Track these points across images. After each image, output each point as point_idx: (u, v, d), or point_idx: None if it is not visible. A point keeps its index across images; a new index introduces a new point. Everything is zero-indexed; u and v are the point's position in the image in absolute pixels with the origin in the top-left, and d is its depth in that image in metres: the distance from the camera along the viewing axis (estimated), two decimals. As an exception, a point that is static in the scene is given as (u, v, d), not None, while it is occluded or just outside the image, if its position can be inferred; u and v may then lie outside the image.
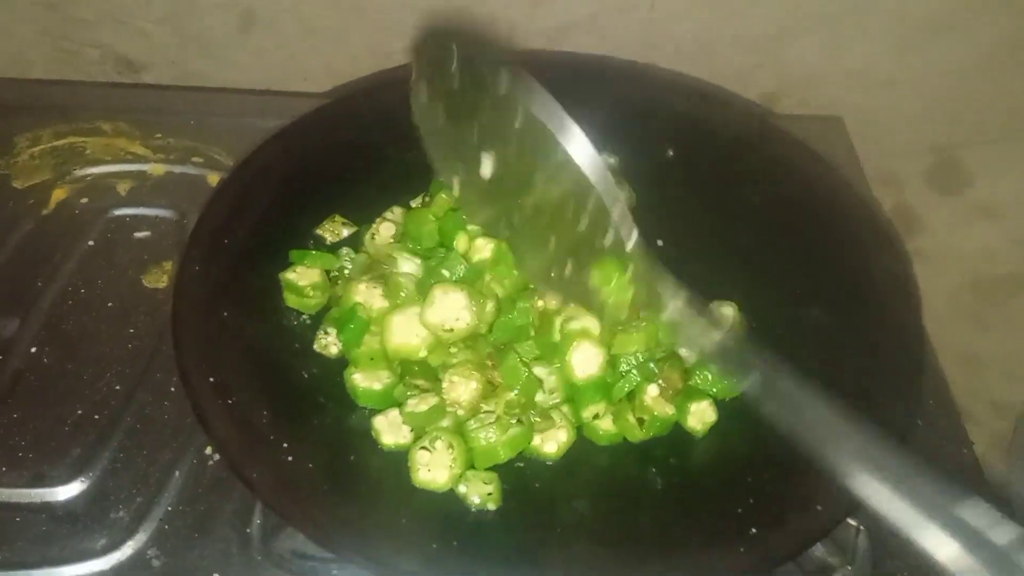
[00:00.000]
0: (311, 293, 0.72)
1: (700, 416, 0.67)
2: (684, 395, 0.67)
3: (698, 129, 0.83)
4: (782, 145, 0.82)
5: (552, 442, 0.65)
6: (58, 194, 0.87)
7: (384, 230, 0.75)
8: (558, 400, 0.67)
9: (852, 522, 0.64)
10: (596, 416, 0.66)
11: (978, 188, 1.13)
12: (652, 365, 0.67)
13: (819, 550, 0.64)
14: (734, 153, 0.83)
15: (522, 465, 0.66)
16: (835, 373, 0.68)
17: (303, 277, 0.72)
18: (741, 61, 1.03)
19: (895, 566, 0.64)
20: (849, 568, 0.63)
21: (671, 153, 0.84)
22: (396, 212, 0.78)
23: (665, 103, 0.85)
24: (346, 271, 0.74)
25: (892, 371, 0.66)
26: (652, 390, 0.67)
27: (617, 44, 1.00)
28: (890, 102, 1.07)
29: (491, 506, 0.62)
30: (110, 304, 0.78)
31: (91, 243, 0.83)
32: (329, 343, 0.70)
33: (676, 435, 0.67)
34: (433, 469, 0.62)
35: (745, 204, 0.80)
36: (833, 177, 0.79)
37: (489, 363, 0.66)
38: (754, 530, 0.59)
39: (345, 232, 0.77)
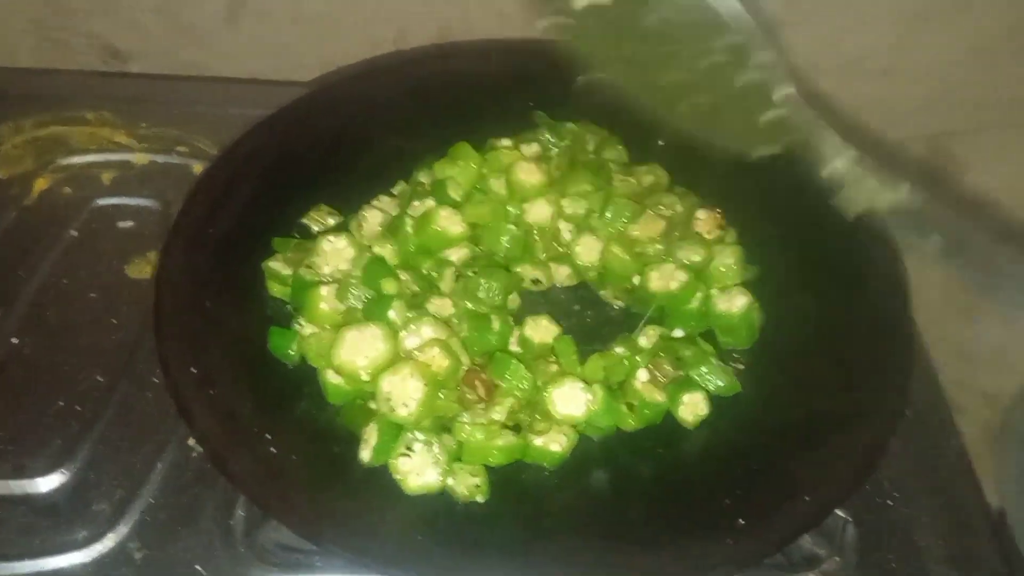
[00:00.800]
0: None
1: (693, 407, 0.67)
2: (678, 385, 0.67)
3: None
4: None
5: (556, 444, 0.64)
6: (41, 184, 0.86)
7: (371, 218, 0.74)
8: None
9: (840, 513, 0.64)
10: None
11: (971, 178, 1.13)
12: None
13: (807, 541, 0.64)
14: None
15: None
16: (823, 363, 0.68)
17: (287, 266, 0.71)
18: (733, 50, 1.02)
19: (882, 557, 0.64)
20: (836, 559, 0.63)
21: (661, 143, 0.83)
22: (383, 200, 0.77)
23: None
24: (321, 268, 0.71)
25: (881, 361, 0.66)
26: (642, 375, 0.66)
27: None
28: (885, 92, 1.06)
29: (479, 498, 0.62)
30: (93, 295, 0.77)
31: (74, 233, 0.82)
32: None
33: (665, 426, 0.67)
34: (421, 473, 0.61)
35: (734, 193, 0.79)
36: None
37: (478, 370, 0.65)
38: (742, 521, 0.58)
39: (331, 221, 0.76)
